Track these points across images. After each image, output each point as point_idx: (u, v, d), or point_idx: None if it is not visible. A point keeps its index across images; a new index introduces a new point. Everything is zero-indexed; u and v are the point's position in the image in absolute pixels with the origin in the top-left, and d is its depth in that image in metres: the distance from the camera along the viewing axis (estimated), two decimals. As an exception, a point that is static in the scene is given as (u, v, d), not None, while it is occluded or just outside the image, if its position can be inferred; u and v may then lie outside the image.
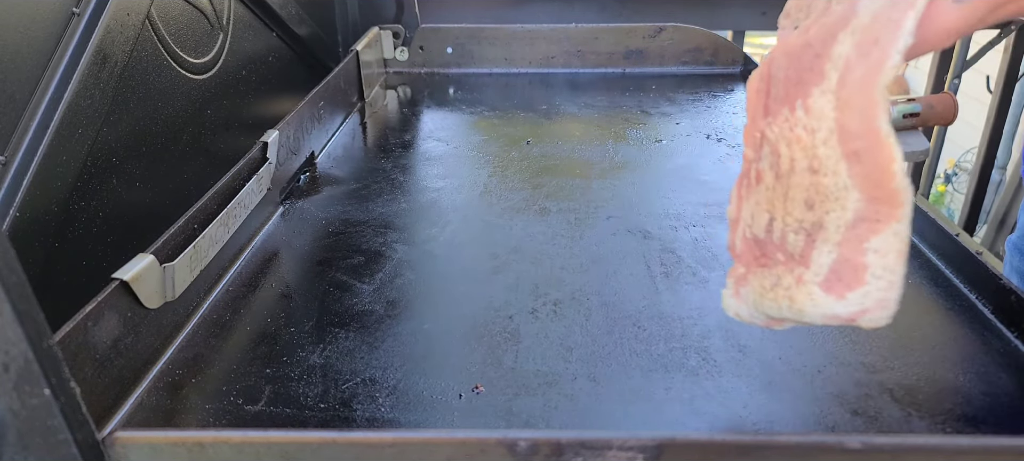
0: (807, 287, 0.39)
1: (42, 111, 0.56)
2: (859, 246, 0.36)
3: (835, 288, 0.38)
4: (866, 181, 0.35)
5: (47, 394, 0.32)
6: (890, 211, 0.35)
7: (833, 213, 0.37)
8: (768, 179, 0.40)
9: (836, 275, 0.37)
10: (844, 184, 0.36)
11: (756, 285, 0.42)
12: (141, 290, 0.48)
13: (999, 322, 0.55)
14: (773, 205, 0.40)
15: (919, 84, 3.84)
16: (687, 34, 1.25)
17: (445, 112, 1.10)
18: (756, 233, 0.42)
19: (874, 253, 0.36)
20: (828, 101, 0.35)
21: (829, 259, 0.37)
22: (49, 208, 0.56)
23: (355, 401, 0.47)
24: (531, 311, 0.57)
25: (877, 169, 0.35)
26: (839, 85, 0.35)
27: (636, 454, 0.36)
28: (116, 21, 0.63)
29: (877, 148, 0.34)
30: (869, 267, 0.36)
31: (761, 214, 0.41)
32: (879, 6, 0.34)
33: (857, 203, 0.36)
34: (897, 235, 0.35)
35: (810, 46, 0.36)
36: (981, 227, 2.06)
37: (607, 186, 0.80)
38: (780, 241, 0.40)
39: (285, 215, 0.73)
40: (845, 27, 0.35)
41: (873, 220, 0.36)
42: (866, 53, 0.34)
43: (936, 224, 0.64)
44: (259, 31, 0.95)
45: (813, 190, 0.37)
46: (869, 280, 0.36)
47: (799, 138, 0.37)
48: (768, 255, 0.41)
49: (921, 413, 0.46)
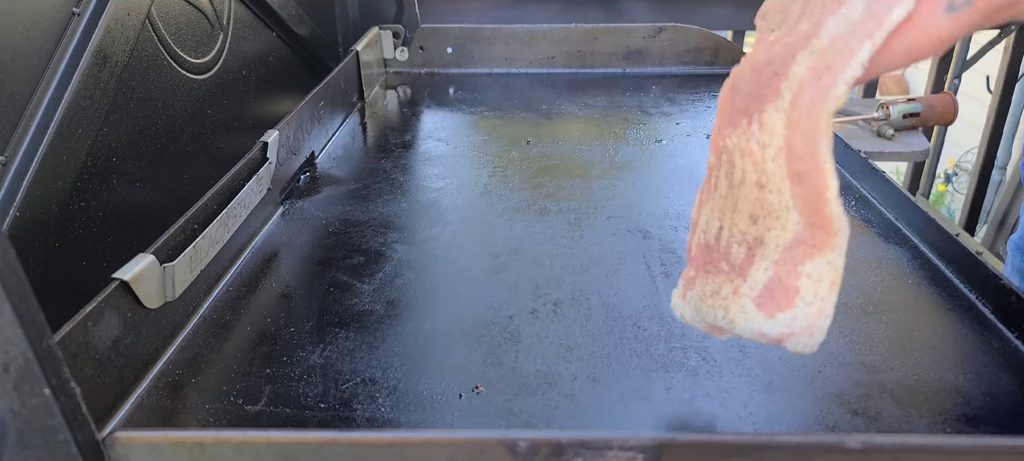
0: (741, 300, 0.39)
1: (42, 111, 0.56)
2: (793, 268, 0.37)
3: (767, 306, 0.38)
4: (805, 204, 0.36)
5: (47, 394, 0.32)
6: (825, 238, 0.36)
7: (774, 231, 0.37)
8: (722, 188, 0.40)
9: (769, 293, 0.38)
10: (786, 204, 0.36)
11: (699, 290, 0.43)
12: (141, 290, 0.48)
13: (999, 322, 0.55)
14: (723, 214, 0.40)
15: (919, 84, 3.84)
16: (687, 34, 1.25)
17: (445, 112, 1.10)
18: (707, 239, 0.42)
19: (807, 278, 0.36)
20: (780, 119, 0.36)
21: (765, 276, 0.38)
22: (49, 208, 0.56)
23: (355, 401, 0.47)
24: (531, 311, 0.57)
25: (814, 194, 0.35)
26: (791, 105, 0.35)
27: (636, 454, 0.36)
28: (116, 21, 0.63)
29: (815, 172, 0.35)
30: (800, 291, 0.37)
31: (713, 221, 0.41)
32: (840, 30, 0.34)
33: (796, 224, 0.36)
34: (831, 264, 0.36)
35: (771, 63, 0.37)
36: (981, 227, 2.06)
37: (607, 186, 0.80)
38: (725, 251, 0.40)
39: (285, 215, 0.73)
40: (805, 47, 0.35)
41: (809, 244, 0.36)
42: (818, 77, 0.34)
43: (936, 224, 0.64)
44: (259, 31, 0.95)
45: (758, 205, 0.38)
46: (798, 304, 0.37)
47: (751, 151, 0.37)
48: (714, 262, 0.42)
49: (921, 413, 0.46)
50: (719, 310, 0.41)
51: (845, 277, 0.60)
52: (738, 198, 0.39)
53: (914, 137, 1.61)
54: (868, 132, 1.61)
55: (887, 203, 0.73)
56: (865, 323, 0.55)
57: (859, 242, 0.67)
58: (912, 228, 0.68)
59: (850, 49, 0.33)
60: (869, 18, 0.34)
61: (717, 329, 0.42)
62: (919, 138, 1.62)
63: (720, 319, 0.41)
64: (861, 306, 0.57)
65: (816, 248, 0.36)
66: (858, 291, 0.59)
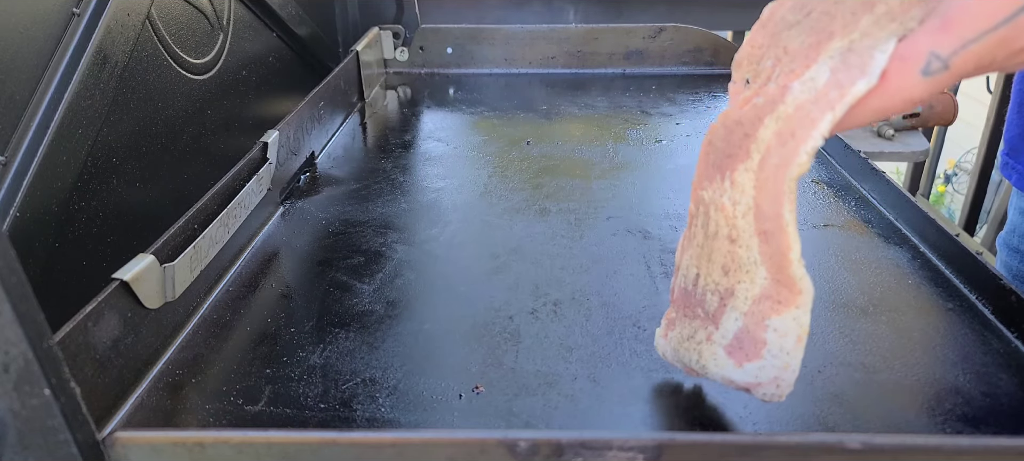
0: (713, 347, 0.41)
1: (42, 111, 0.56)
2: (761, 321, 0.39)
3: (736, 355, 0.40)
4: (771, 262, 0.37)
5: (47, 394, 0.32)
6: (789, 296, 0.37)
7: (743, 284, 0.39)
8: (699, 237, 0.42)
9: (738, 343, 0.40)
10: (755, 259, 0.38)
11: (678, 332, 0.45)
12: (141, 290, 0.48)
13: (999, 322, 0.55)
14: (700, 262, 0.42)
15: (919, 84, 3.84)
16: (687, 34, 1.25)
17: (445, 112, 1.10)
18: (686, 284, 0.44)
19: (774, 331, 0.38)
20: (750, 179, 0.38)
21: (735, 326, 0.40)
22: (49, 208, 0.56)
23: (355, 401, 0.47)
24: (531, 311, 0.57)
25: (779, 253, 0.37)
26: (759, 167, 0.37)
27: (636, 454, 0.36)
28: (116, 21, 0.63)
29: (780, 233, 0.37)
30: (767, 343, 0.38)
31: (692, 268, 0.43)
32: (804, 97, 0.36)
33: (763, 280, 0.38)
34: (797, 321, 0.37)
35: (741, 124, 0.38)
36: (981, 227, 2.06)
37: (607, 186, 0.80)
38: (701, 297, 0.43)
39: (285, 215, 0.73)
40: (772, 112, 0.37)
41: (775, 300, 0.38)
42: (783, 143, 0.36)
43: (936, 224, 0.64)
44: (259, 31, 0.95)
45: (729, 258, 0.40)
46: (766, 355, 0.39)
47: (724, 207, 0.39)
48: (691, 308, 0.44)
49: (921, 413, 0.46)
50: (694, 354, 0.43)
51: (845, 277, 0.61)
52: (712, 249, 0.41)
53: (914, 137, 1.61)
54: (868, 132, 1.62)
55: (887, 203, 0.73)
56: (865, 323, 0.55)
57: (859, 242, 0.67)
58: (912, 228, 0.68)
59: (812, 119, 0.35)
60: (833, 87, 0.35)
61: (693, 370, 0.44)
62: (919, 138, 1.62)
63: (694, 362, 0.43)
64: (861, 306, 0.57)
65: (782, 304, 0.38)
66: (858, 291, 0.59)
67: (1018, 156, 0.74)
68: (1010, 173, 0.76)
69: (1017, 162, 0.74)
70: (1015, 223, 0.78)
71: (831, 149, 0.86)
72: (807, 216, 0.72)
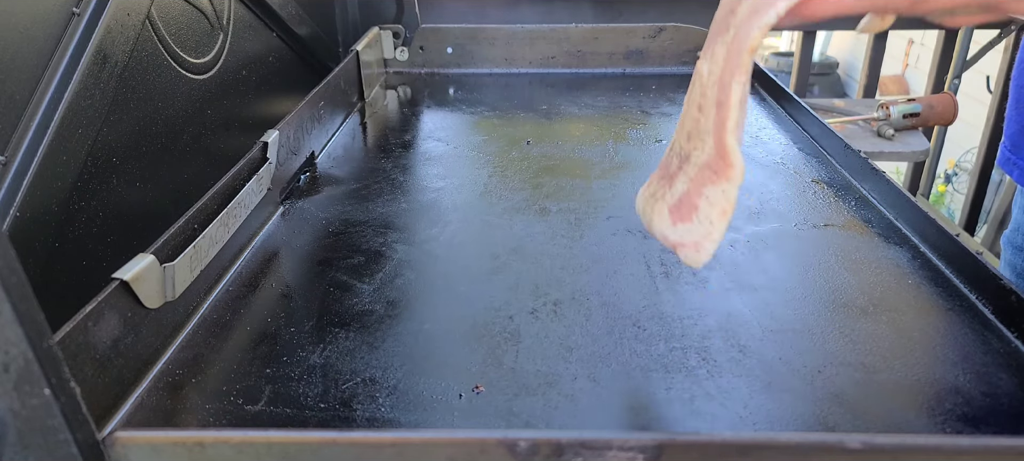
0: (661, 204, 0.45)
1: (42, 111, 0.56)
2: (699, 188, 0.41)
3: (674, 214, 0.43)
4: (716, 131, 0.39)
5: (47, 394, 0.32)
6: (723, 168, 0.39)
7: (697, 151, 0.41)
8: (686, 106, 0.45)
9: (679, 204, 0.43)
10: (708, 128, 0.40)
11: (650, 189, 0.48)
12: (141, 290, 0.48)
13: (999, 322, 0.55)
14: (681, 128, 0.45)
15: (919, 84, 3.84)
16: (687, 34, 1.25)
17: (445, 112, 1.10)
18: (670, 148, 0.47)
19: (705, 199, 0.40)
20: (723, 50, 0.39)
21: (681, 189, 0.43)
22: (49, 208, 0.56)
23: (355, 401, 0.47)
24: (531, 311, 0.57)
25: (720, 124, 0.39)
26: (731, 39, 0.39)
27: (636, 454, 0.36)
28: (116, 21, 0.63)
29: (726, 103, 0.38)
30: (698, 209, 0.41)
31: (676, 134, 0.46)
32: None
33: (709, 149, 0.40)
34: (724, 194, 0.39)
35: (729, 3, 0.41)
36: (981, 227, 2.06)
37: (607, 186, 0.80)
38: (668, 159, 0.46)
39: (285, 215, 0.73)
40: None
41: (713, 169, 0.40)
42: (749, 18, 0.38)
43: (936, 224, 0.64)
44: (259, 31, 0.95)
45: (694, 125, 0.42)
46: (694, 220, 0.41)
47: (701, 76, 0.41)
48: (663, 168, 0.47)
49: (921, 413, 0.46)
50: (650, 210, 0.46)
51: (845, 277, 0.61)
52: (685, 115, 0.43)
53: (914, 137, 1.61)
54: (868, 132, 1.62)
55: (887, 203, 0.73)
56: (865, 323, 0.55)
57: (859, 242, 0.67)
58: (912, 228, 0.68)
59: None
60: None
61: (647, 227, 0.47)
62: (919, 138, 1.62)
63: (646, 217, 0.46)
64: (861, 306, 0.57)
65: (717, 175, 0.40)
66: (858, 291, 0.59)
67: (1020, 152, 0.74)
68: (1011, 169, 0.76)
69: (1019, 158, 0.74)
70: (1019, 221, 0.78)
71: (831, 149, 0.86)
72: (807, 216, 0.72)
